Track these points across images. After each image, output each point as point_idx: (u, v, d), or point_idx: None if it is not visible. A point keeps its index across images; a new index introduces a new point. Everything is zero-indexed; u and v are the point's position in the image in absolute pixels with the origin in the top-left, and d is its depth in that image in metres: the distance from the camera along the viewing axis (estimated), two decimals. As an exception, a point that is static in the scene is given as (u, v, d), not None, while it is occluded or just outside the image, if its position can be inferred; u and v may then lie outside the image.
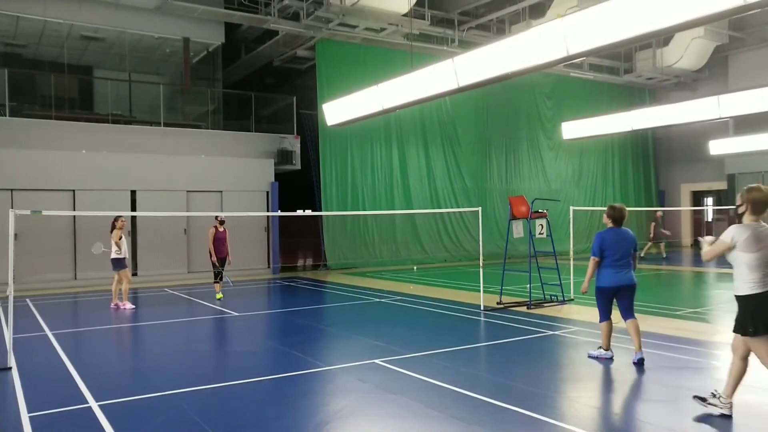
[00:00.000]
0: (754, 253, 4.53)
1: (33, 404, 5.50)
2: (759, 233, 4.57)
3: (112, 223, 11.67)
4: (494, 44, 9.01)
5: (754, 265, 4.53)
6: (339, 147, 19.16)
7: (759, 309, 4.53)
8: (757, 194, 4.64)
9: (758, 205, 4.64)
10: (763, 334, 4.54)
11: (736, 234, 4.58)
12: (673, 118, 14.99)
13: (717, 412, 4.87)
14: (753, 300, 4.54)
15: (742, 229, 4.59)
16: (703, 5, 6.44)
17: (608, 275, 6.65)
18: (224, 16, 17.72)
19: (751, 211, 4.66)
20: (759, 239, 4.55)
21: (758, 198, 4.63)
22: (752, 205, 4.65)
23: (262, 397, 5.74)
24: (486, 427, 4.78)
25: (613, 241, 6.69)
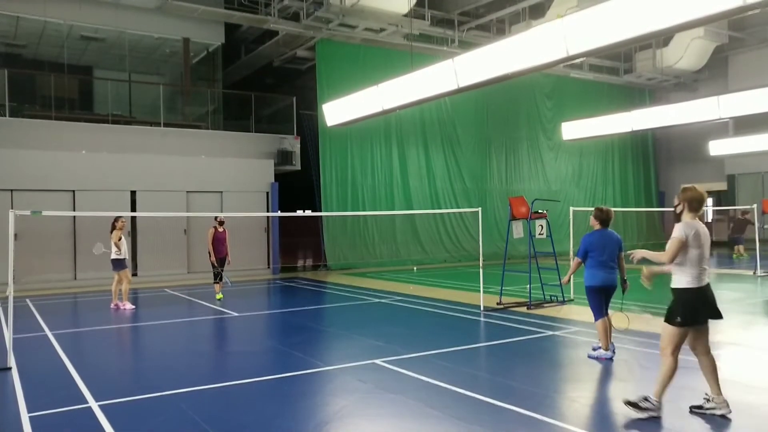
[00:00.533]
0: (696, 249, 4.81)
1: (33, 404, 5.50)
2: (699, 231, 4.84)
3: (112, 223, 11.67)
4: (494, 44, 9.01)
5: (695, 261, 4.82)
6: (339, 147, 19.16)
7: (689, 303, 4.83)
8: (693, 193, 4.89)
9: (694, 203, 4.88)
10: (687, 325, 4.83)
11: (686, 230, 4.80)
12: (673, 119, 15.00)
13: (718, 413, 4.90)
14: (687, 293, 4.85)
15: (689, 226, 4.83)
16: (703, 5, 6.45)
17: (598, 275, 6.81)
18: (224, 17, 17.73)
19: (688, 209, 4.91)
20: (701, 236, 4.84)
21: (694, 197, 4.88)
22: (689, 204, 4.90)
23: (262, 397, 5.74)
24: (486, 427, 4.78)
25: (600, 243, 6.87)
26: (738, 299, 11.80)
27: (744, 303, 11.34)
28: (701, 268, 4.84)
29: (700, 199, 4.87)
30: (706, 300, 4.88)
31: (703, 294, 4.86)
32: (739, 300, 11.70)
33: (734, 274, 16.28)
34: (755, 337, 8.13)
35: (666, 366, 4.89)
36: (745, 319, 9.55)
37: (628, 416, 4.98)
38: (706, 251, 4.87)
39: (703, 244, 4.84)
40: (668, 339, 4.90)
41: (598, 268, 6.80)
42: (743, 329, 8.73)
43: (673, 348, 4.87)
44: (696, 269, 4.83)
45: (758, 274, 15.34)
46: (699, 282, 4.84)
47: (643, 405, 4.89)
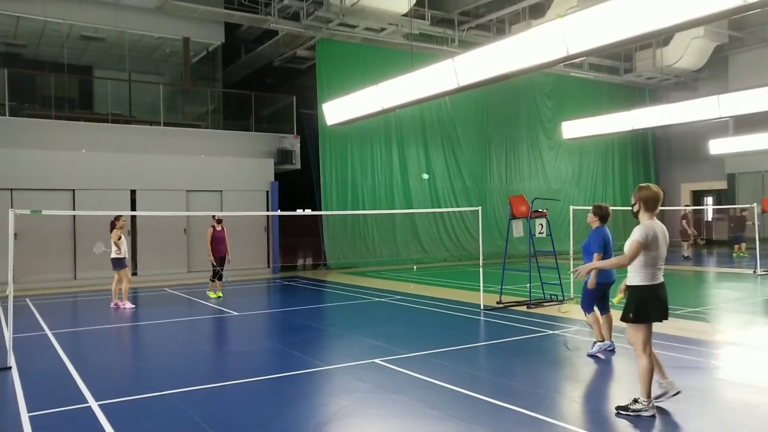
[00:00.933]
0: (654, 250, 4.87)
1: (33, 404, 5.50)
2: (656, 232, 4.89)
3: (112, 222, 11.66)
4: (494, 44, 9.01)
5: (651, 261, 4.88)
6: (339, 147, 19.16)
7: (642, 300, 4.91)
8: (647, 192, 4.93)
9: (649, 202, 4.92)
10: (640, 322, 4.93)
11: (646, 232, 4.85)
12: (673, 118, 15.00)
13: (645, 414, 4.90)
14: (640, 291, 4.93)
15: (648, 228, 4.88)
16: (703, 5, 6.45)
17: (606, 271, 6.93)
18: (224, 16, 17.72)
19: (644, 209, 4.94)
20: (658, 236, 4.89)
21: (648, 196, 4.92)
22: (644, 204, 4.93)
23: (262, 397, 5.74)
24: (486, 427, 4.78)
25: (609, 239, 7.12)
26: (738, 298, 11.80)
27: (744, 302, 11.34)
28: (656, 267, 4.92)
29: (656, 198, 4.90)
30: (657, 298, 4.93)
31: (655, 292, 4.92)
32: (739, 299, 11.69)
33: (734, 273, 16.28)
34: (755, 337, 8.13)
35: (642, 364, 4.95)
36: (745, 319, 9.56)
37: (628, 416, 4.97)
38: (662, 251, 4.93)
39: (661, 244, 4.90)
40: (633, 337, 4.99)
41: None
42: (743, 329, 8.73)
43: (642, 345, 4.93)
44: (651, 269, 4.90)
45: (758, 273, 15.34)
46: (653, 280, 4.91)
47: (633, 407, 4.92)
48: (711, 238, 26.13)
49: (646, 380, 4.93)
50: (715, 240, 26.04)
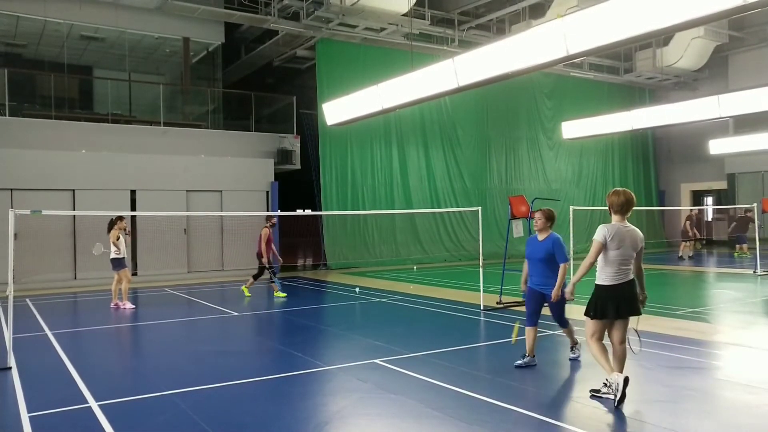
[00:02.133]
0: (614, 250, 5.10)
1: (33, 404, 5.50)
2: (621, 232, 5.12)
3: (112, 222, 11.61)
4: (494, 44, 9.00)
5: (612, 261, 5.13)
6: (339, 147, 19.16)
7: (600, 298, 5.22)
8: (614, 198, 5.20)
9: (615, 206, 5.19)
10: (597, 318, 5.26)
11: (606, 232, 5.12)
12: (673, 118, 14.97)
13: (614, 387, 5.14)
14: (599, 290, 5.24)
15: (609, 228, 5.15)
16: (703, 5, 6.44)
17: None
18: (224, 16, 17.72)
19: (613, 212, 5.23)
20: (621, 238, 5.11)
21: (614, 201, 5.19)
22: (611, 207, 5.23)
23: (262, 397, 5.74)
24: (486, 427, 4.78)
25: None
26: (738, 298, 11.79)
27: (744, 302, 11.34)
28: (618, 267, 5.12)
29: (620, 204, 5.13)
30: (615, 297, 5.15)
31: (613, 291, 5.16)
32: (739, 299, 11.69)
33: (734, 273, 16.28)
34: (755, 337, 8.13)
35: (591, 349, 5.34)
36: (745, 319, 9.56)
37: (628, 416, 4.98)
38: (625, 252, 5.11)
39: (624, 246, 5.08)
40: (587, 327, 5.37)
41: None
42: (743, 329, 8.73)
43: (591, 334, 5.33)
44: (612, 268, 5.13)
45: (758, 273, 15.34)
46: (613, 280, 5.14)
47: (604, 390, 5.30)
48: (711, 238, 26.13)
49: (601, 361, 5.27)
50: (714, 240, 26.04)
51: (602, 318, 5.25)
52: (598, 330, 5.32)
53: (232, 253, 17.28)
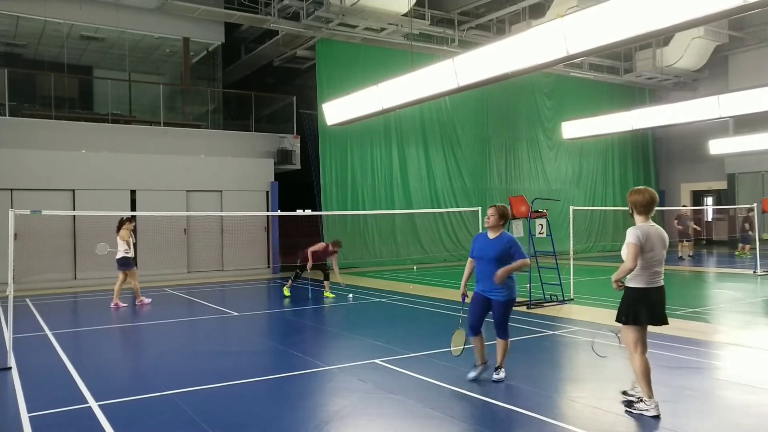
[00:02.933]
0: (648, 252, 4.86)
1: (33, 404, 5.50)
2: (651, 233, 4.89)
3: (123, 221, 11.76)
4: (494, 44, 9.00)
5: (646, 264, 4.87)
6: (339, 147, 19.16)
7: (636, 302, 4.91)
8: (637, 197, 4.95)
9: (639, 206, 4.94)
10: (630, 323, 4.94)
11: (639, 234, 4.85)
12: (673, 118, 14.98)
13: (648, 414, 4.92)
14: (633, 293, 4.94)
15: (641, 229, 4.88)
16: (703, 5, 6.44)
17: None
18: (224, 16, 17.72)
19: (637, 213, 4.97)
20: (652, 238, 4.87)
21: (637, 200, 4.95)
22: (635, 207, 4.96)
23: (262, 397, 5.74)
24: (486, 427, 4.78)
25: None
26: (738, 298, 11.79)
27: (744, 302, 11.34)
28: (652, 270, 4.89)
29: (645, 203, 4.91)
30: (649, 302, 4.90)
31: (648, 295, 4.90)
32: (739, 299, 11.69)
33: (734, 273, 16.28)
34: (755, 337, 8.13)
35: (635, 364, 4.97)
36: (745, 319, 9.56)
37: (628, 416, 4.98)
38: (658, 253, 4.89)
39: (656, 246, 4.87)
40: (626, 337, 5.00)
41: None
42: (743, 329, 8.73)
43: (633, 345, 4.95)
44: (647, 271, 4.88)
45: (758, 274, 15.34)
46: (649, 283, 4.89)
47: (638, 406, 4.97)
48: (711, 238, 26.13)
49: (642, 381, 4.93)
50: (714, 240, 26.04)
51: (635, 323, 4.93)
52: (639, 338, 4.94)
53: (232, 253, 17.29)
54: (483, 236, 6.03)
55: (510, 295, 5.83)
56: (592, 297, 11.78)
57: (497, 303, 5.81)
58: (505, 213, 6.01)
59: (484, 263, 5.86)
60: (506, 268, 5.67)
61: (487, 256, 5.81)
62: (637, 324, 4.93)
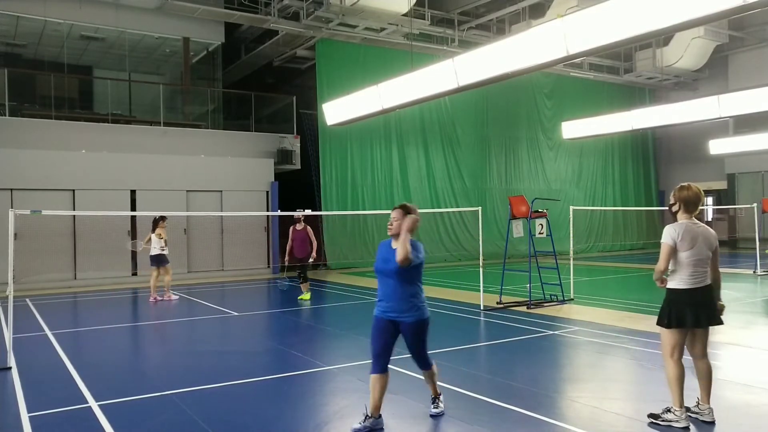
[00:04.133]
0: (687, 250, 4.64)
1: (33, 404, 5.50)
2: (693, 231, 4.68)
3: (157, 221, 12.37)
4: (494, 44, 9.00)
5: (686, 263, 4.65)
6: (339, 147, 19.16)
7: (679, 303, 4.66)
8: (688, 193, 4.76)
9: (690, 203, 4.76)
10: (673, 327, 4.67)
11: (673, 233, 4.68)
12: (673, 118, 14.97)
13: (702, 418, 4.76)
14: (675, 294, 4.70)
15: (678, 227, 4.70)
16: (703, 5, 6.44)
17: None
18: (224, 16, 17.72)
19: (684, 210, 4.78)
20: (693, 237, 4.66)
21: (689, 196, 4.75)
22: (684, 204, 4.77)
23: (262, 397, 5.74)
24: (486, 427, 4.78)
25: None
26: (738, 299, 11.79)
27: (744, 302, 11.34)
28: (694, 269, 4.64)
29: (696, 200, 4.73)
30: (695, 302, 4.64)
31: (692, 295, 4.64)
32: (739, 299, 11.69)
33: (734, 273, 16.28)
34: (755, 337, 8.13)
35: (668, 371, 4.71)
36: (745, 319, 9.55)
37: (628, 416, 4.98)
38: (700, 251, 4.64)
39: (698, 245, 4.63)
40: (664, 341, 4.76)
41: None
42: (743, 329, 8.72)
43: (670, 350, 4.69)
44: (688, 270, 4.64)
45: (758, 274, 15.34)
46: (690, 283, 4.64)
47: (665, 416, 4.72)
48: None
49: (674, 388, 4.67)
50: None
51: (679, 326, 4.64)
52: (677, 343, 4.67)
53: (232, 253, 17.28)
54: (386, 245, 4.94)
55: (420, 315, 4.73)
56: (592, 297, 11.78)
57: (406, 326, 4.75)
58: (406, 209, 4.98)
59: (385, 278, 4.77)
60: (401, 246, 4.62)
61: (389, 267, 4.70)
62: (681, 327, 4.66)
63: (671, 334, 4.68)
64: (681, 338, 4.69)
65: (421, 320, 4.76)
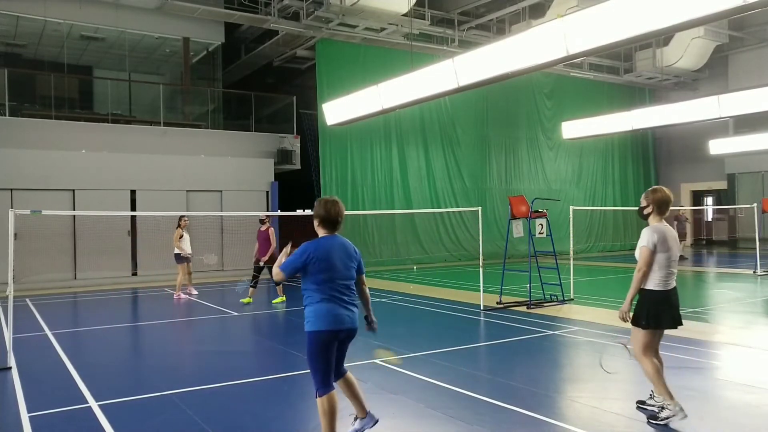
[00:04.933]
0: (665, 252, 4.77)
1: (33, 404, 5.50)
2: (667, 233, 4.82)
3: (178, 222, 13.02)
4: (494, 44, 9.00)
5: (662, 265, 4.77)
6: (339, 147, 19.15)
7: (657, 305, 4.76)
8: (662, 194, 4.89)
9: (663, 205, 4.88)
10: (652, 328, 4.79)
11: (653, 237, 4.78)
12: (673, 118, 14.98)
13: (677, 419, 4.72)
14: (653, 295, 4.79)
15: (656, 231, 4.80)
16: (703, 5, 6.44)
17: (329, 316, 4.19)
18: (224, 16, 17.72)
19: (656, 212, 4.88)
20: (668, 239, 4.80)
21: (663, 198, 4.88)
22: (657, 206, 4.88)
23: (261, 397, 5.74)
24: (486, 427, 4.78)
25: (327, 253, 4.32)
26: (738, 298, 11.79)
27: (744, 302, 11.34)
28: (669, 270, 4.80)
29: (668, 202, 4.89)
30: (670, 304, 4.80)
31: (667, 297, 4.79)
32: (739, 299, 11.69)
33: (734, 273, 16.28)
34: (755, 337, 8.13)
35: (646, 368, 4.81)
36: (745, 319, 9.56)
37: (628, 416, 4.98)
38: (673, 253, 4.81)
39: (671, 246, 4.80)
40: (638, 341, 4.84)
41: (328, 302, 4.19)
42: (743, 329, 8.73)
43: (644, 349, 4.81)
44: (663, 272, 4.78)
45: (758, 274, 15.34)
46: (665, 285, 4.79)
47: (662, 415, 4.74)
48: (711, 238, 26.12)
49: (657, 382, 4.76)
50: (714, 240, 26.03)
51: (657, 327, 4.80)
52: (651, 342, 4.83)
53: (232, 253, 17.26)
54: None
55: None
56: (592, 297, 11.78)
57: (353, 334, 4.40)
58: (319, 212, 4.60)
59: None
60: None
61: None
62: (659, 328, 4.80)
63: (646, 335, 4.80)
64: (653, 337, 4.86)
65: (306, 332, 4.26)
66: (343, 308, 4.22)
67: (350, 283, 4.32)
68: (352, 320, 4.26)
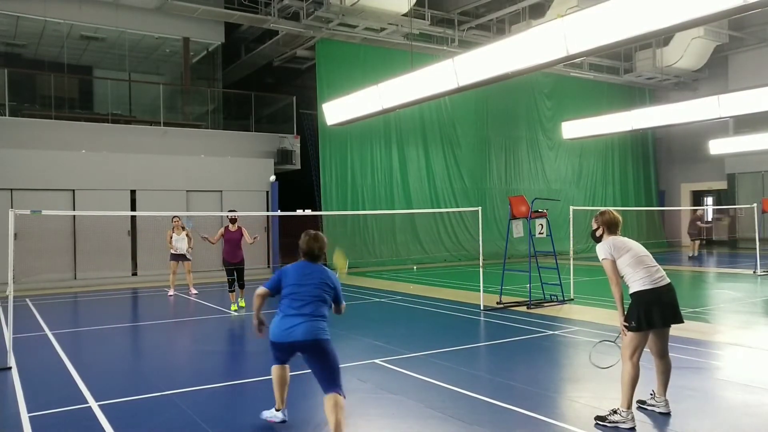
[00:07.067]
0: (625, 254, 4.84)
1: (33, 404, 5.50)
2: (619, 240, 4.95)
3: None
4: (494, 44, 9.01)
5: (632, 262, 4.82)
6: (339, 147, 19.15)
7: (646, 305, 4.73)
8: (610, 216, 5.04)
9: (612, 225, 5.02)
10: (643, 329, 4.73)
11: (606, 248, 4.90)
12: (673, 118, 14.99)
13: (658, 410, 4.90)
14: (639, 296, 4.78)
15: (605, 242, 4.95)
16: (703, 5, 6.44)
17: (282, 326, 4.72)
18: (224, 16, 17.72)
19: (607, 233, 5.03)
20: (622, 244, 4.91)
21: (611, 219, 5.03)
22: (607, 227, 5.03)
23: (262, 397, 5.74)
24: (486, 427, 4.78)
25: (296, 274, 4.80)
26: (738, 298, 11.79)
27: (744, 302, 11.34)
28: (646, 266, 4.80)
29: (617, 222, 5.01)
30: (661, 301, 4.74)
31: (657, 294, 4.74)
32: (739, 299, 11.69)
33: (734, 273, 16.28)
34: (755, 337, 8.13)
35: (625, 371, 4.76)
36: (745, 319, 9.56)
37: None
38: (637, 250, 4.87)
39: (629, 246, 4.88)
40: (628, 344, 4.78)
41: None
42: (743, 329, 8.73)
43: (632, 352, 4.74)
44: (641, 270, 4.78)
45: (758, 274, 15.34)
46: (650, 283, 4.75)
47: (612, 418, 4.72)
48: (711, 238, 26.13)
49: (627, 390, 4.72)
50: (714, 240, 26.03)
51: (649, 328, 4.73)
52: (640, 345, 4.75)
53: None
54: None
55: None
56: (592, 297, 11.78)
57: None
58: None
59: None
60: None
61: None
62: (651, 328, 4.74)
63: (637, 337, 4.75)
64: (645, 340, 4.80)
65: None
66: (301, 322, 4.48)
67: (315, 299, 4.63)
68: (305, 333, 4.44)
